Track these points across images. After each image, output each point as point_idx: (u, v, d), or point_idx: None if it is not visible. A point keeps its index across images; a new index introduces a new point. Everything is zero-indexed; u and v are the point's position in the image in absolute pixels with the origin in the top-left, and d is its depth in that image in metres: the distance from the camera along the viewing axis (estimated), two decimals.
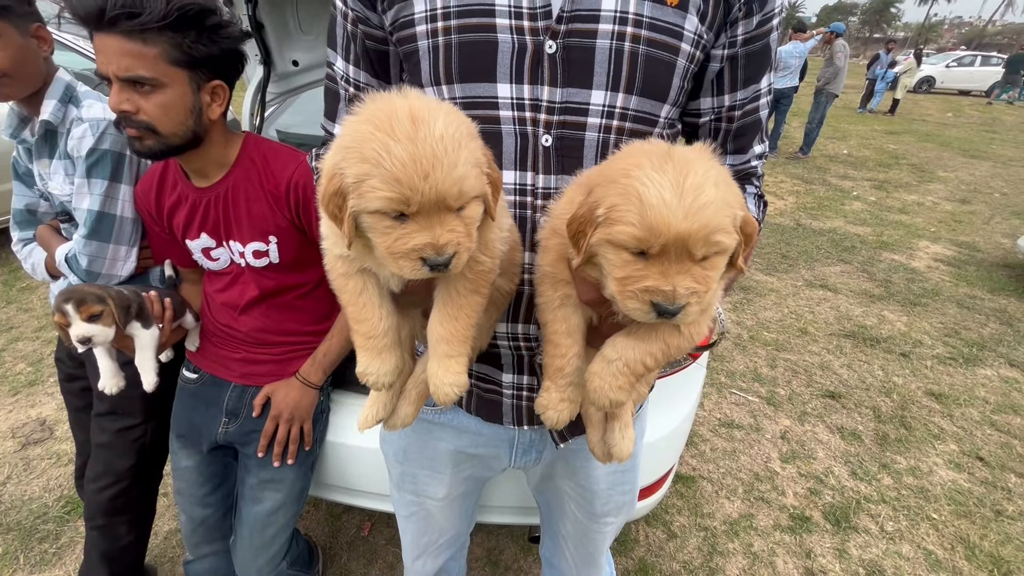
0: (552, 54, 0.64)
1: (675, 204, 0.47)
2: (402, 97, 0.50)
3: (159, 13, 0.95)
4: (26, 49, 1.19)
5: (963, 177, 8.21)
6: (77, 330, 1.06)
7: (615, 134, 0.68)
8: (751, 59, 0.73)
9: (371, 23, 0.73)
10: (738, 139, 0.78)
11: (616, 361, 0.61)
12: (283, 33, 1.75)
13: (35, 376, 2.87)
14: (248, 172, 1.19)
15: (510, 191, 0.71)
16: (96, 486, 1.42)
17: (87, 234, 1.24)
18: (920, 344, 3.54)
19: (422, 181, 0.47)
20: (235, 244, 1.23)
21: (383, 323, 0.62)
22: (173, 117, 1.04)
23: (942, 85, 21.75)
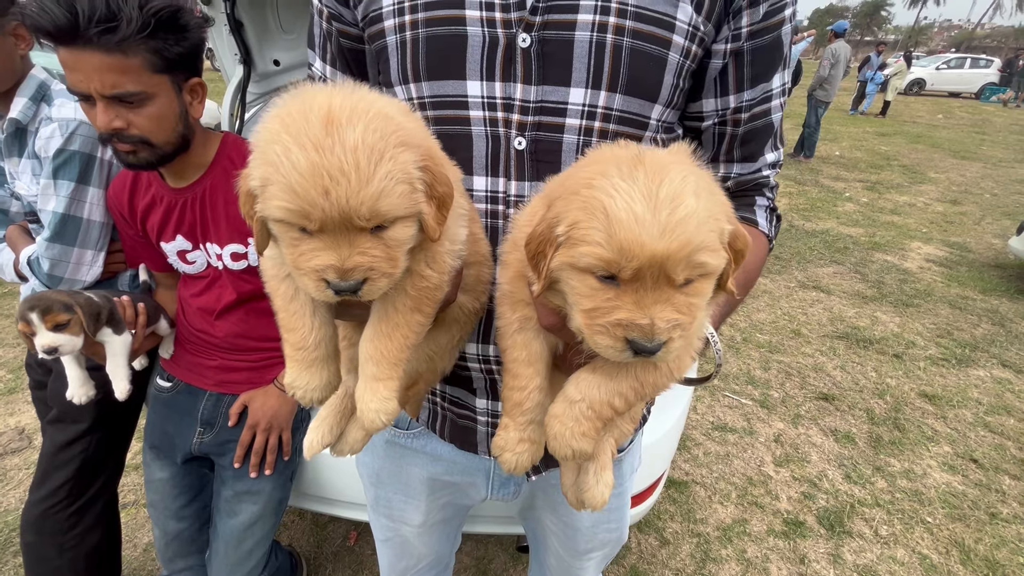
0: (526, 48, 0.59)
1: (649, 219, 0.39)
2: (327, 93, 0.44)
3: (137, 24, 0.91)
4: (2, 47, 1.15)
5: (954, 178, 8.25)
6: (42, 340, 1.02)
7: (597, 137, 0.62)
8: (758, 55, 0.65)
9: (344, 20, 0.69)
10: (746, 145, 0.71)
11: (580, 403, 0.52)
12: (263, 32, 1.71)
13: (15, 383, 2.80)
14: (227, 172, 1.15)
15: (481, 198, 0.65)
16: (30, 498, 1.34)
17: (50, 236, 1.19)
18: (913, 345, 3.53)
19: (322, 196, 0.41)
20: (212, 246, 1.19)
21: (315, 333, 0.55)
22: (165, 126, 1.01)
23: (932, 87, 21.97)
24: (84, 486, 1.35)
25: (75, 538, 1.34)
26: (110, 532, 1.44)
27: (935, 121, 14.70)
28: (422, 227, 0.48)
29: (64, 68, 0.95)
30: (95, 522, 1.37)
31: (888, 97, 14.41)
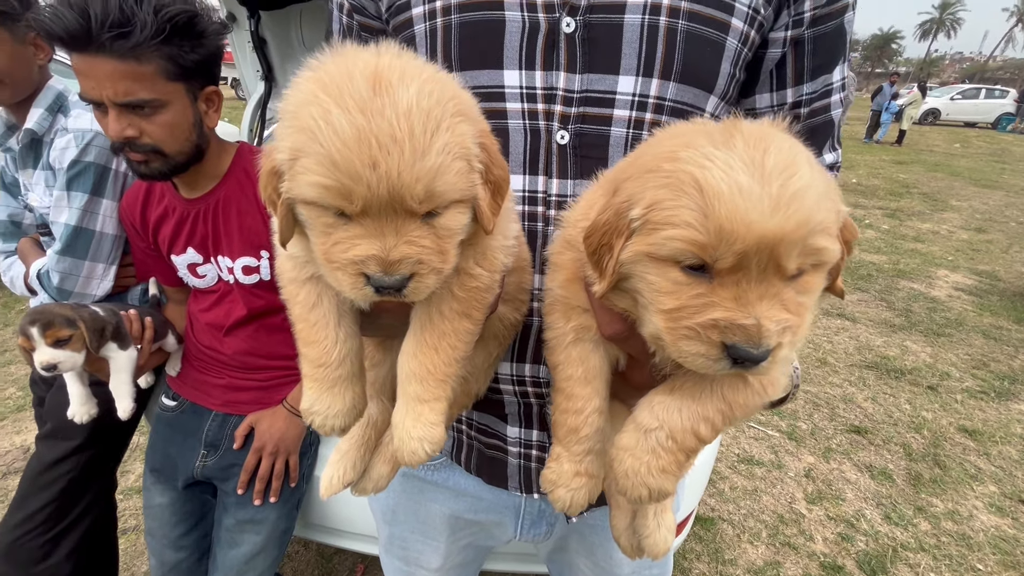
0: (570, 34, 0.54)
1: (757, 191, 0.31)
2: (372, 52, 0.37)
3: (151, 29, 0.88)
4: (20, 55, 1.15)
5: (976, 206, 8.09)
6: (41, 356, 0.97)
7: (648, 130, 0.56)
8: (820, 43, 0.59)
9: (367, 12, 0.65)
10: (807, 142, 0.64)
11: (657, 431, 0.43)
12: (286, 49, 1.71)
13: (24, 401, 2.77)
14: (242, 183, 1.11)
15: (518, 199, 0.58)
16: (5, 522, 1.24)
17: (61, 249, 1.16)
18: (948, 376, 3.37)
19: (369, 170, 0.33)
20: (224, 260, 1.14)
21: (339, 347, 0.46)
22: (179, 136, 0.98)
23: (947, 117, 21.92)
24: (65, 510, 1.25)
25: (47, 571, 1.22)
26: (90, 565, 1.32)
27: (952, 150, 14.58)
28: (475, 215, 0.40)
29: (77, 75, 0.93)
30: (70, 552, 1.24)
31: (903, 126, 14.38)
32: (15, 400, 2.78)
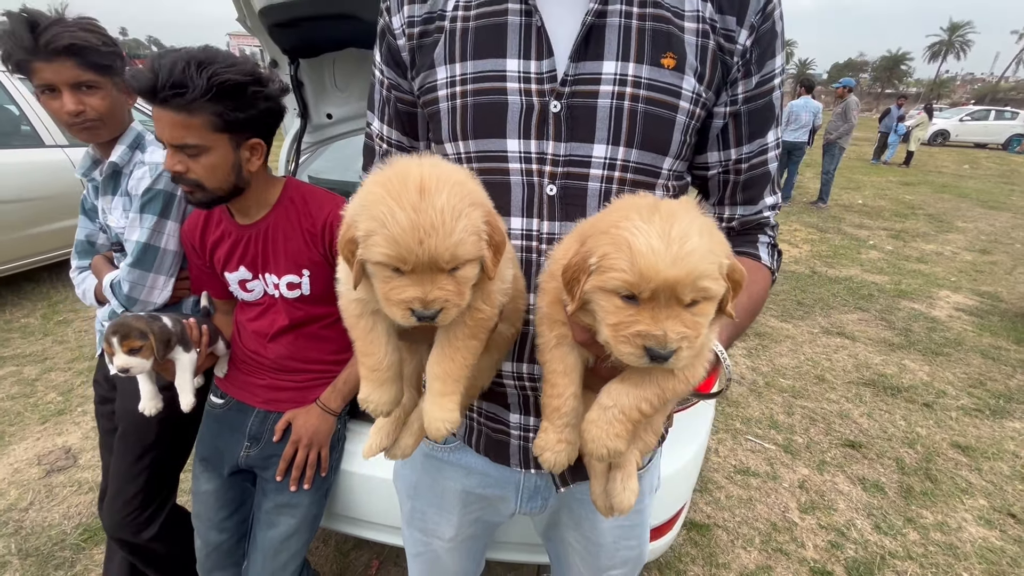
0: (557, 113, 0.71)
1: (663, 251, 0.49)
2: (418, 164, 0.56)
3: (201, 89, 1.08)
4: (117, 101, 1.37)
5: (982, 228, 8.15)
6: (118, 361, 1.16)
7: (617, 184, 0.73)
8: (754, 115, 0.77)
9: (402, 89, 0.83)
10: (747, 190, 0.81)
11: (612, 408, 0.61)
12: (320, 90, 1.93)
13: (64, 405, 2.98)
14: (288, 212, 1.30)
15: (517, 236, 0.76)
16: (110, 508, 1.49)
17: (132, 263, 1.36)
18: (944, 394, 3.45)
19: (418, 245, 0.52)
20: (271, 277, 1.33)
21: (388, 358, 0.66)
22: (218, 175, 1.17)
23: (957, 138, 21.92)
24: (152, 495, 1.49)
25: (148, 539, 1.51)
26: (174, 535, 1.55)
27: (961, 171, 14.61)
28: (482, 268, 0.59)
29: (154, 121, 1.15)
30: (161, 526, 1.52)
31: (911, 148, 14.46)
32: (56, 405, 2.98)
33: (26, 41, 1.22)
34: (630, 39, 0.69)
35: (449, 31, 0.75)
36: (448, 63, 0.75)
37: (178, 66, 1.07)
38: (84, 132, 1.35)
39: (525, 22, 0.71)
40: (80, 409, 2.95)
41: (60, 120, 1.32)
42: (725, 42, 0.71)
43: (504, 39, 0.72)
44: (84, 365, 3.38)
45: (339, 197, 1.34)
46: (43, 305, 4.16)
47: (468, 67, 0.74)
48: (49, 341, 3.66)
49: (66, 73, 1.27)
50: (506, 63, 0.72)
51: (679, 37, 0.69)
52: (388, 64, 0.83)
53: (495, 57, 0.72)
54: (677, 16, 0.70)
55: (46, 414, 2.90)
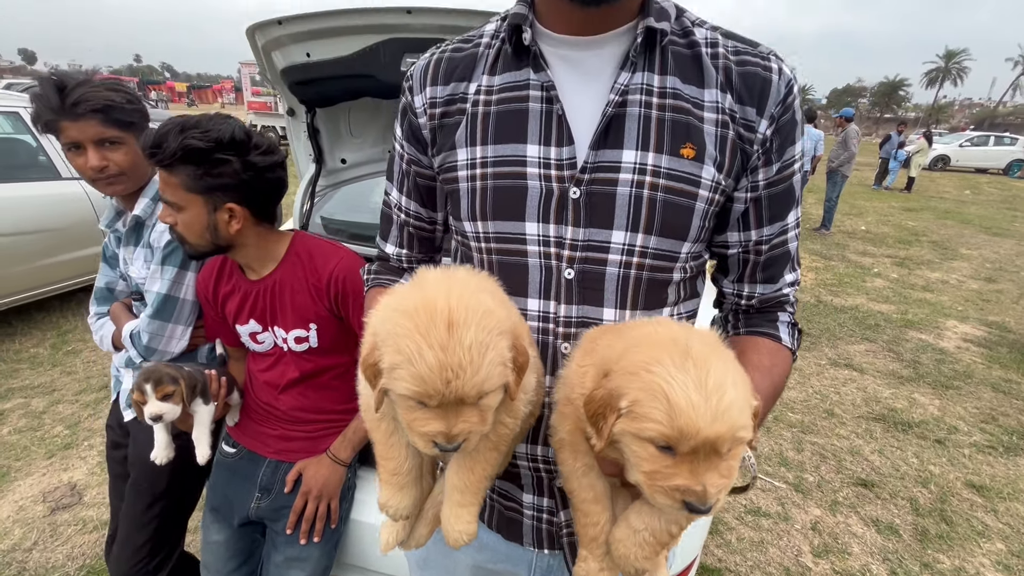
0: (576, 199, 0.72)
1: (702, 406, 0.48)
2: (446, 293, 0.55)
3: (170, 152, 1.14)
4: (139, 155, 1.42)
5: (987, 255, 8.15)
6: (151, 408, 1.17)
7: (635, 269, 0.73)
8: (774, 200, 0.77)
9: (422, 164, 0.86)
10: (767, 270, 0.81)
11: (643, 531, 0.61)
12: (335, 136, 1.98)
13: (71, 439, 2.97)
14: (294, 267, 1.33)
15: (534, 318, 0.76)
16: (117, 555, 1.49)
17: (152, 314, 1.38)
18: (956, 430, 3.41)
19: (445, 385, 0.52)
20: (279, 330, 1.35)
21: (408, 462, 0.67)
22: (193, 232, 1.22)
23: (957, 163, 22.08)
24: (161, 544, 1.48)
25: None
26: None
27: (963, 197, 14.69)
28: (506, 390, 0.59)
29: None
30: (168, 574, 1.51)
31: (912, 173, 14.57)
32: (63, 438, 2.98)
33: (54, 102, 1.27)
34: (649, 129, 0.71)
35: (471, 114, 0.78)
36: (469, 145, 0.77)
37: (164, 129, 1.15)
38: (107, 186, 1.39)
39: (546, 109, 0.74)
40: (86, 443, 2.95)
41: (84, 175, 1.36)
42: (745, 132, 0.72)
43: (525, 125, 0.74)
44: (91, 397, 3.39)
45: (344, 250, 1.37)
46: (53, 334, 4.19)
47: (489, 151, 0.76)
48: (57, 372, 3.68)
49: (90, 131, 1.32)
50: (527, 148, 0.74)
51: (698, 127, 0.71)
52: (409, 140, 0.86)
53: (516, 142, 0.74)
54: (696, 107, 0.71)
55: (52, 448, 2.90)
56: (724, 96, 0.72)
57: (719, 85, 0.72)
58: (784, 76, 0.73)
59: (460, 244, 0.86)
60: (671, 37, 0.73)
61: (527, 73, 0.75)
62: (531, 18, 0.75)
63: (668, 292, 0.78)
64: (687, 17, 0.76)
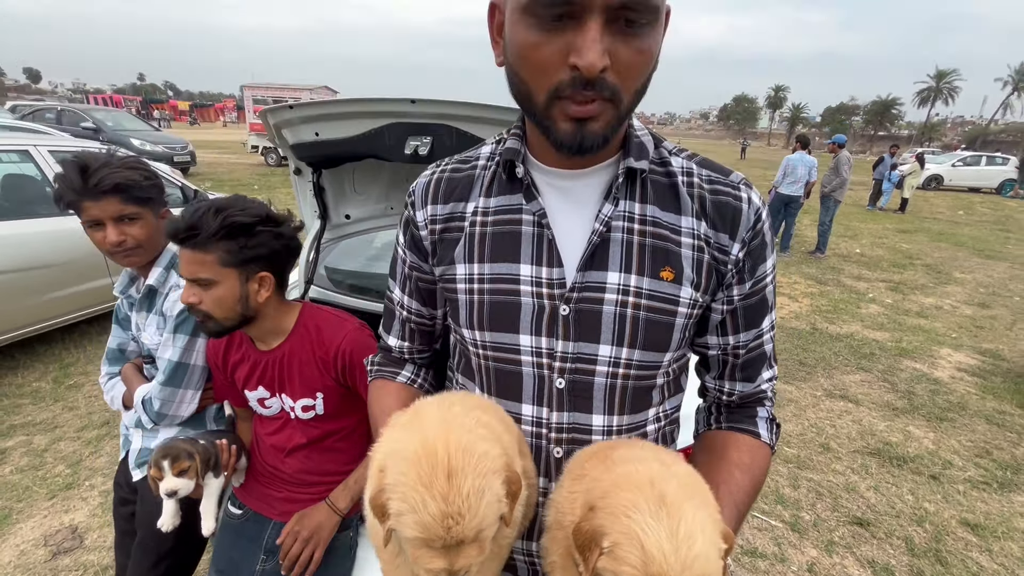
0: (565, 315, 0.78)
1: (673, 558, 0.54)
2: (445, 439, 0.60)
3: (211, 230, 1.20)
4: (157, 227, 1.49)
5: (980, 279, 8.25)
6: (167, 484, 1.22)
7: (621, 379, 0.80)
8: (749, 310, 0.83)
9: (423, 271, 0.92)
10: (746, 370, 0.87)
11: None
12: (340, 194, 2.06)
13: (72, 479, 2.99)
14: (303, 339, 1.39)
15: (528, 423, 0.82)
16: None
17: (164, 381, 1.44)
18: (950, 465, 3.44)
19: (446, 532, 0.57)
20: (287, 398, 1.41)
21: None
22: (225, 306, 1.27)
23: (950, 183, 22.37)
24: None
25: None
26: None
27: (956, 217, 14.86)
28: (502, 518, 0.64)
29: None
30: None
31: (905, 195, 14.76)
32: (64, 478, 3.00)
33: (77, 184, 1.35)
34: (632, 253, 0.78)
35: (468, 233, 0.84)
36: (467, 262, 0.84)
37: (198, 213, 1.21)
38: (124, 258, 1.46)
39: (538, 232, 0.81)
40: (88, 483, 2.97)
41: (102, 249, 1.43)
42: (719, 255, 0.79)
43: (519, 246, 0.81)
44: (92, 434, 3.41)
45: (350, 322, 1.43)
46: (55, 367, 4.23)
47: (486, 268, 0.82)
48: (59, 407, 3.70)
49: (110, 209, 1.39)
50: (520, 267, 0.80)
51: (676, 252, 0.78)
52: (410, 249, 0.92)
53: (511, 261, 0.81)
54: (674, 232, 0.78)
55: (54, 488, 2.92)
56: (699, 223, 0.79)
57: (694, 213, 0.79)
58: (753, 205, 0.80)
59: (459, 342, 0.92)
60: (651, 166, 0.81)
61: (520, 199, 0.82)
62: (523, 151, 0.83)
63: (653, 395, 0.85)
64: (664, 147, 0.84)
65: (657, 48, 0.68)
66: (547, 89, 0.66)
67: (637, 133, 0.81)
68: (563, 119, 0.68)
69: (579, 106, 0.66)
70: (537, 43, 0.64)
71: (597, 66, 0.61)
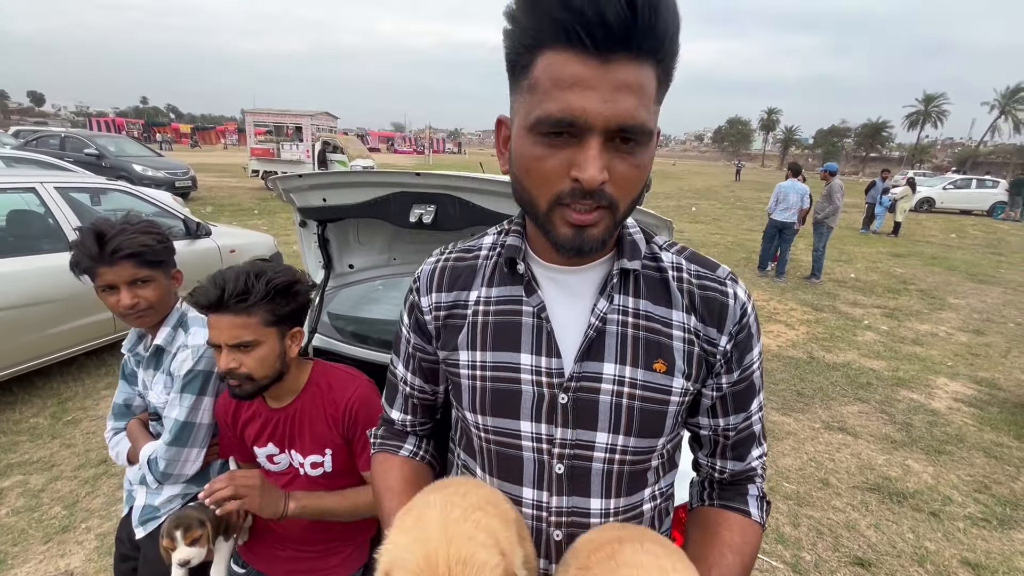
0: (564, 404, 0.82)
1: None
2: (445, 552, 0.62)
3: (261, 293, 1.26)
4: (168, 288, 1.53)
5: (974, 304, 8.32)
6: (180, 554, 1.23)
7: (618, 464, 0.84)
8: (737, 396, 0.88)
9: (427, 352, 0.96)
10: (736, 449, 0.91)
11: None
12: (344, 245, 2.12)
13: (68, 521, 2.97)
14: (314, 397, 1.42)
15: (529, 506, 0.85)
16: None
17: (170, 441, 1.46)
18: (950, 501, 3.44)
19: None
20: (296, 455, 1.43)
21: None
22: (267, 364, 1.31)
23: (942, 205, 22.67)
24: None
25: None
26: None
27: (949, 240, 15.04)
28: None
29: (208, 326, 1.29)
30: None
31: (898, 218, 14.96)
32: (60, 520, 2.98)
33: (94, 252, 1.39)
34: (626, 346, 0.82)
35: (471, 322, 0.88)
36: (470, 349, 0.88)
37: (240, 279, 1.25)
38: (137, 319, 1.50)
39: (537, 324, 0.85)
40: (84, 525, 2.94)
41: (115, 311, 1.47)
42: (708, 347, 0.84)
43: (519, 336, 0.85)
44: (89, 473, 3.39)
45: (360, 379, 1.47)
46: (53, 403, 4.22)
47: (488, 356, 0.86)
48: (57, 444, 3.69)
49: (125, 274, 1.43)
50: (521, 357, 0.84)
51: (668, 345, 0.82)
52: (415, 331, 0.96)
53: (512, 351, 0.85)
54: (666, 326, 0.83)
55: (49, 531, 2.89)
56: (689, 317, 0.84)
57: (684, 308, 0.84)
58: (739, 299, 0.85)
59: (461, 420, 0.95)
60: (643, 261, 0.86)
61: (520, 291, 0.87)
62: (524, 247, 0.88)
63: (648, 477, 0.89)
64: (656, 243, 0.89)
65: (649, 162, 0.74)
66: (549, 197, 0.72)
67: (630, 232, 0.87)
68: (563, 224, 0.73)
69: (579, 215, 0.71)
70: (541, 156, 0.69)
71: (597, 180, 0.67)
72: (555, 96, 0.63)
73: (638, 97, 0.63)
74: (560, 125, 0.65)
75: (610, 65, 0.61)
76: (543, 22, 0.61)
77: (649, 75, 0.64)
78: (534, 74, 0.66)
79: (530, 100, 0.67)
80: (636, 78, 0.62)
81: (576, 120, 0.63)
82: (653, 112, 0.68)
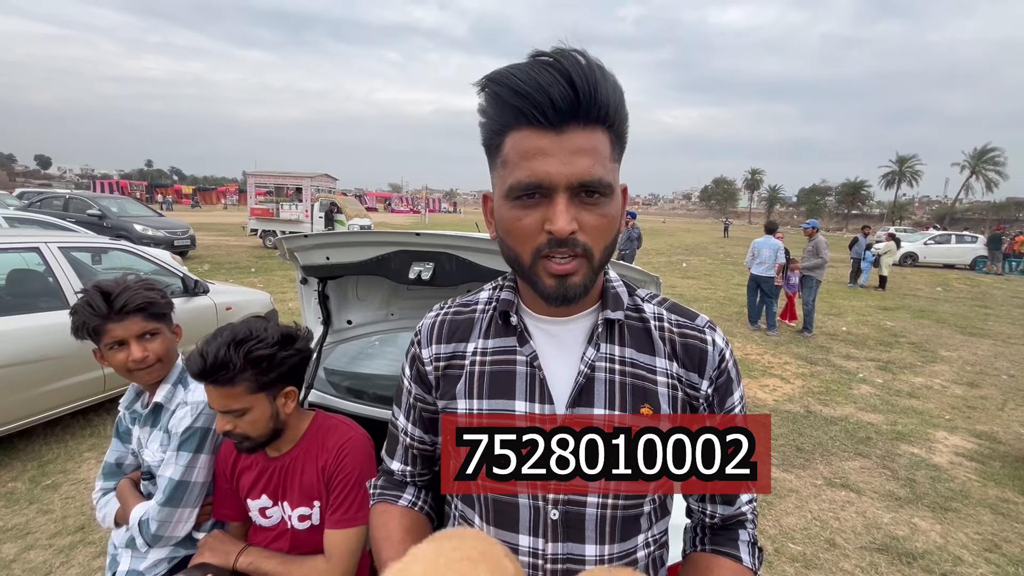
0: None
1: None
2: None
3: (240, 365, 1.28)
4: (172, 341, 1.57)
5: (966, 357, 8.38)
6: None
7: (611, 509, 0.86)
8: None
9: (427, 402, 1.00)
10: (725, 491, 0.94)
11: None
12: (343, 301, 2.18)
13: None
14: (309, 445, 1.43)
15: (525, 554, 0.87)
16: None
17: (163, 501, 1.44)
18: (960, 561, 3.33)
19: None
20: (287, 506, 1.42)
21: None
22: (259, 427, 1.34)
23: (925, 259, 23.32)
24: None
25: None
26: None
27: (935, 294, 15.33)
28: None
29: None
30: None
31: (884, 272, 15.32)
32: None
33: (103, 309, 1.44)
34: (614, 391, 0.87)
35: (469, 372, 0.94)
36: (468, 398, 0.92)
37: (221, 351, 1.27)
38: (146, 374, 1.52)
39: (530, 372, 0.90)
40: None
41: (123, 368, 1.49)
42: (691, 391, 0.89)
43: (513, 385, 0.90)
44: (65, 541, 3.24)
45: (356, 430, 1.48)
46: (33, 466, 4.08)
47: (484, 404, 0.91)
48: (33, 511, 3.54)
49: (134, 328, 1.48)
50: (515, 404, 0.89)
51: (653, 390, 0.88)
52: (416, 382, 1.01)
53: (507, 398, 0.90)
54: (650, 372, 0.89)
55: None
56: (671, 364, 0.90)
57: (667, 355, 0.90)
58: (717, 346, 0.91)
59: None
60: (626, 313, 0.92)
61: (514, 342, 0.92)
62: (516, 302, 0.95)
63: (641, 522, 0.90)
64: (638, 295, 0.97)
65: (616, 212, 0.82)
66: (531, 252, 0.80)
67: (613, 285, 0.94)
68: (547, 276, 0.81)
69: (559, 264, 0.79)
70: (519, 217, 0.79)
71: (566, 230, 0.75)
72: (523, 166, 0.73)
73: (593, 157, 0.73)
74: (530, 188, 0.75)
75: (565, 134, 0.71)
76: (506, 111, 0.72)
77: (601, 138, 0.74)
78: (504, 152, 0.76)
79: (504, 173, 0.77)
80: (589, 142, 0.72)
81: (542, 182, 0.73)
82: (611, 169, 0.78)
